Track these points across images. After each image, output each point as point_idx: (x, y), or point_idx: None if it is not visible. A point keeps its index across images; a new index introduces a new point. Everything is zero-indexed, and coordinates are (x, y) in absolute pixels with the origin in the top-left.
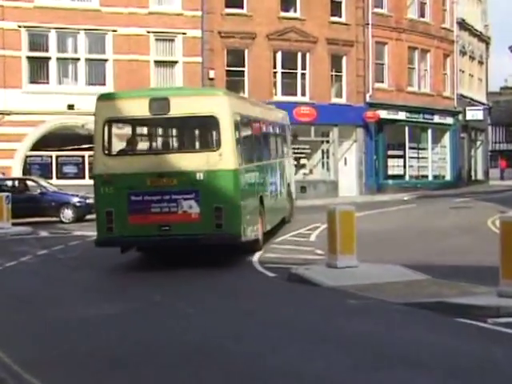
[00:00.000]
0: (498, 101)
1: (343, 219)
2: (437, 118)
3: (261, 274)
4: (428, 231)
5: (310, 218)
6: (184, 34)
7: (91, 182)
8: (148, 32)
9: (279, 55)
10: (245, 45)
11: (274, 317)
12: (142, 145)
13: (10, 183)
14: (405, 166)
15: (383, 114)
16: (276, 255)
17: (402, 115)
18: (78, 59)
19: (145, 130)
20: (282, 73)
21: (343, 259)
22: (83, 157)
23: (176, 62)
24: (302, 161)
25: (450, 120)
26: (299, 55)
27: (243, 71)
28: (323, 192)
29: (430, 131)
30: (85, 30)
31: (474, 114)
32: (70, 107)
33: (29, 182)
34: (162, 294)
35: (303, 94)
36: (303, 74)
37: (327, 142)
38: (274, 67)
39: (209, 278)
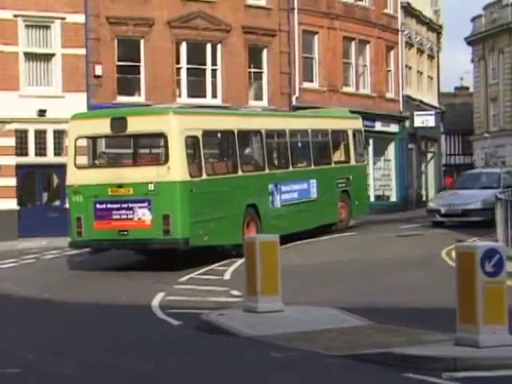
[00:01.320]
0: (453, 104)
1: (264, 252)
2: (379, 126)
3: (162, 322)
4: (370, 265)
5: (223, 250)
6: (63, 19)
7: None
8: (15, 16)
9: (183, 47)
10: (140, 34)
11: (179, 378)
12: (106, 159)
13: None
14: None
15: None
16: (182, 298)
17: None
18: None
19: (108, 146)
20: (188, 69)
21: (265, 302)
22: None
23: (53, 55)
24: None
25: (394, 128)
26: (208, 47)
27: (138, 67)
28: None
29: (370, 141)
30: None
31: (425, 120)
32: None
33: None
34: (36, 351)
35: (214, 96)
36: (214, 71)
37: None
38: (178, 62)
39: (96, 328)
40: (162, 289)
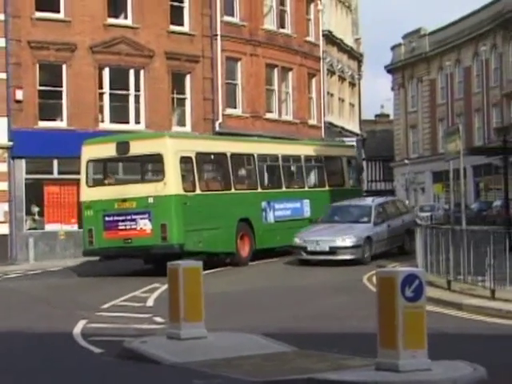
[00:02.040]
0: (374, 130)
1: (188, 278)
2: None
3: (83, 350)
4: (293, 291)
5: (146, 277)
6: None
7: None
8: None
9: (106, 72)
10: (62, 58)
11: None
12: (113, 177)
13: None
14: None
15: None
16: (104, 325)
17: None
18: None
19: (114, 166)
20: (111, 94)
21: (188, 328)
22: None
23: None
24: None
25: None
26: (131, 72)
27: (60, 92)
28: None
29: None
30: None
31: None
32: None
33: None
34: None
35: (137, 122)
36: (137, 97)
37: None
38: (100, 87)
39: (13, 357)
40: (83, 316)
